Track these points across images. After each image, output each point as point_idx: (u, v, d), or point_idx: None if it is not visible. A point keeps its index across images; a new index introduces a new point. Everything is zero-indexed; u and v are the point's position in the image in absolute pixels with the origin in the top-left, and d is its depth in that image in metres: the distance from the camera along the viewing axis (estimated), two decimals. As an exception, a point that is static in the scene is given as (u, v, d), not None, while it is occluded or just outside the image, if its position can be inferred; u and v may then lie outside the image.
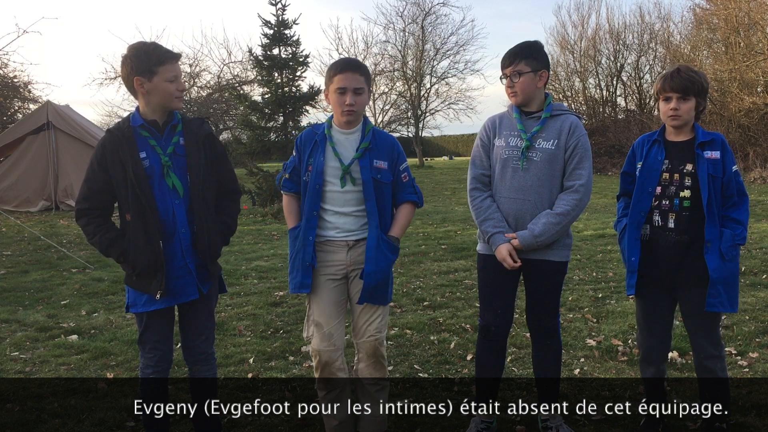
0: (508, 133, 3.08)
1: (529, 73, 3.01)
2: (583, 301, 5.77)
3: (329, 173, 2.94)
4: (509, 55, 3.05)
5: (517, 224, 3.05)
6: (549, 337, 3.18)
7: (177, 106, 2.84)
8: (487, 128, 3.16)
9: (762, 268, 6.83)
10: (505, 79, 3.06)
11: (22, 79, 22.19)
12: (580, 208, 3.01)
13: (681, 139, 3.01)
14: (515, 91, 3.04)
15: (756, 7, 19.79)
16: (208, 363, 3.01)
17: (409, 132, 36.64)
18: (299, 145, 3.03)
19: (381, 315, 3.01)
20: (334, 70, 2.89)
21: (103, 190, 2.81)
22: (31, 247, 9.52)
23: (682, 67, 3.00)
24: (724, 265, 2.91)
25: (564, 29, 29.50)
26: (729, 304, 2.94)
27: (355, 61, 3.00)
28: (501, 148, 3.08)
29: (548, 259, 3.06)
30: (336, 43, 46.91)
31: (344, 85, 2.86)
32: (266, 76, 13.88)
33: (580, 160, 3.01)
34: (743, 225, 2.95)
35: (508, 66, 3.04)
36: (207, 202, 2.87)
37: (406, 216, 3.05)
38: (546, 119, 3.04)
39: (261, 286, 6.71)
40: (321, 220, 2.96)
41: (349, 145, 2.96)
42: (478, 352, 3.29)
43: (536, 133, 3.02)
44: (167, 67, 2.74)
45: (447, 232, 10.37)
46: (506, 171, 3.06)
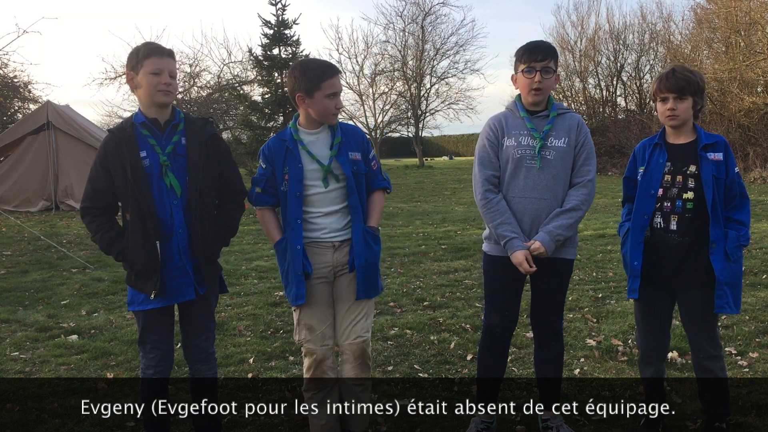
0: (517, 132, 3.04)
1: (556, 72, 3.03)
2: (583, 301, 5.77)
3: (309, 177, 2.91)
4: (541, 49, 2.98)
5: (533, 224, 3.01)
6: (552, 337, 3.17)
7: (160, 100, 2.79)
8: (494, 128, 3.09)
9: (762, 268, 6.83)
10: (533, 72, 2.96)
11: (22, 79, 22.25)
12: (588, 202, 3.04)
13: (683, 141, 3.01)
14: (541, 88, 2.97)
15: (756, 7, 19.78)
16: (209, 363, 3.01)
17: (409, 132, 36.69)
18: (268, 156, 2.96)
19: (366, 315, 3.00)
20: (323, 77, 2.86)
21: (106, 190, 2.82)
22: (31, 247, 9.52)
23: (678, 67, 3.01)
24: (729, 266, 2.91)
25: (563, 29, 29.54)
26: (734, 305, 2.94)
27: (333, 66, 2.95)
28: (512, 147, 3.03)
29: (558, 257, 3.04)
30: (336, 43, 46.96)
31: (336, 90, 2.88)
32: (266, 76, 13.90)
33: (587, 156, 3.04)
34: (746, 226, 2.96)
35: (541, 60, 2.96)
36: (206, 203, 2.86)
37: (380, 204, 3.07)
38: (554, 117, 3.03)
39: (261, 286, 6.72)
40: (307, 223, 2.94)
41: (321, 143, 2.94)
42: (481, 352, 3.28)
43: (548, 131, 3.01)
44: (151, 60, 2.75)
45: (447, 232, 10.37)
46: (520, 171, 3.02)
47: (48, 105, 15.12)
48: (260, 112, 13.85)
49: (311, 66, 2.90)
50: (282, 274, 2.99)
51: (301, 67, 2.92)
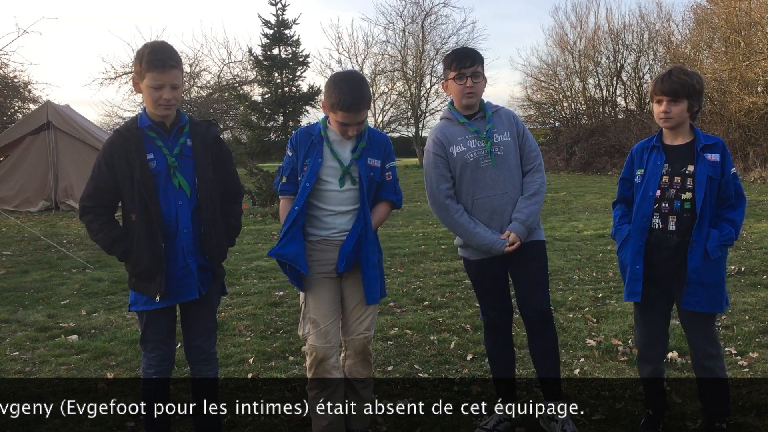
0: (463, 138, 3.16)
1: (484, 76, 3.15)
2: (583, 301, 5.77)
3: (326, 173, 2.95)
4: (468, 56, 3.11)
5: (502, 219, 3.13)
6: (542, 323, 3.18)
7: (161, 113, 2.78)
8: (438, 141, 3.19)
9: (762, 268, 6.82)
10: (464, 78, 3.08)
11: (22, 79, 22.26)
12: (545, 183, 3.21)
13: (680, 143, 3.01)
14: (474, 92, 3.12)
15: (756, 7, 19.77)
16: (210, 363, 3.01)
17: (409, 132, 36.65)
18: (295, 145, 3.01)
19: (371, 313, 3.07)
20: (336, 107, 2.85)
21: (108, 189, 2.82)
22: (31, 247, 9.52)
23: (675, 69, 3.00)
24: (706, 265, 2.91)
25: (562, 30, 29.55)
26: (709, 304, 2.93)
27: (358, 100, 2.86)
28: (463, 153, 3.15)
29: (529, 240, 3.16)
30: (336, 43, 46.95)
31: (348, 122, 2.88)
32: (266, 76, 13.89)
33: (530, 143, 3.22)
34: (735, 226, 2.94)
35: (470, 66, 3.09)
36: (215, 204, 2.89)
37: (383, 215, 3.10)
38: (492, 116, 3.18)
39: (261, 286, 6.72)
40: (317, 220, 2.98)
41: (346, 145, 2.99)
42: (489, 350, 3.41)
43: (491, 129, 3.15)
44: (153, 74, 2.71)
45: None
46: (476, 173, 3.14)
47: (48, 105, 15.13)
48: (260, 112, 13.83)
49: (337, 89, 2.86)
50: (280, 232, 2.98)
51: (333, 82, 2.90)
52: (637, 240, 3.01)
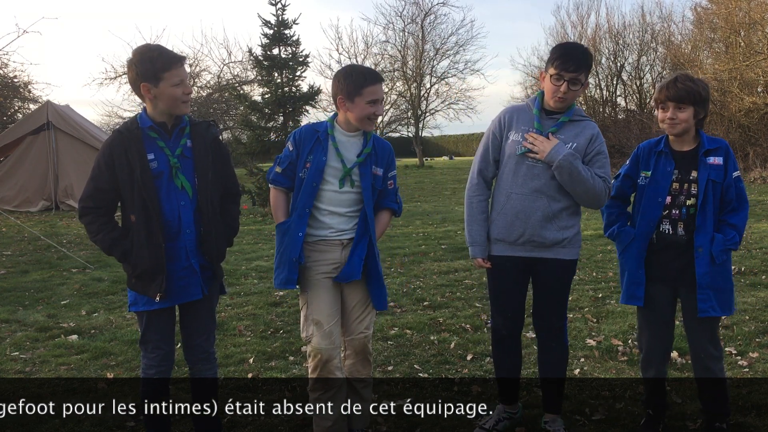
0: (525, 128, 3.02)
1: (584, 85, 2.96)
2: (583, 301, 5.77)
3: (329, 173, 2.95)
4: (574, 59, 2.90)
5: (525, 224, 2.99)
6: (555, 339, 3.16)
7: (183, 111, 2.82)
8: (503, 121, 3.07)
9: (762, 268, 6.83)
10: (561, 81, 2.89)
11: (22, 79, 22.24)
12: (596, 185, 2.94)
13: (687, 149, 3.00)
14: (565, 97, 2.93)
15: (756, 7, 19.77)
16: (209, 362, 3.01)
17: (409, 132, 36.68)
18: (298, 140, 3.00)
19: (370, 312, 3.09)
20: (364, 83, 2.91)
21: (108, 190, 2.81)
22: (31, 247, 9.52)
23: (680, 76, 2.98)
24: (714, 270, 2.92)
25: (563, 29, 29.58)
26: (720, 307, 2.95)
27: (377, 73, 3.09)
28: (517, 142, 3.02)
29: (559, 258, 3.04)
30: (336, 42, 46.98)
31: (377, 96, 2.95)
32: (266, 76, 13.88)
33: (601, 165, 3.00)
34: (739, 230, 2.95)
35: (572, 72, 2.89)
36: (214, 204, 2.89)
37: (385, 224, 3.14)
38: (563, 123, 2.99)
39: (261, 286, 6.71)
40: (314, 220, 2.98)
41: (351, 147, 2.99)
42: (493, 352, 3.36)
43: (552, 133, 2.97)
44: (173, 72, 2.73)
45: (447, 232, 10.37)
46: (520, 166, 3.00)
47: (48, 105, 15.12)
48: (260, 112, 13.83)
49: (355, 71, 2.96)
50: (276, 256, 3.00)
51: (345, 71, 2.98)
52: (641, 245, 3.01)
